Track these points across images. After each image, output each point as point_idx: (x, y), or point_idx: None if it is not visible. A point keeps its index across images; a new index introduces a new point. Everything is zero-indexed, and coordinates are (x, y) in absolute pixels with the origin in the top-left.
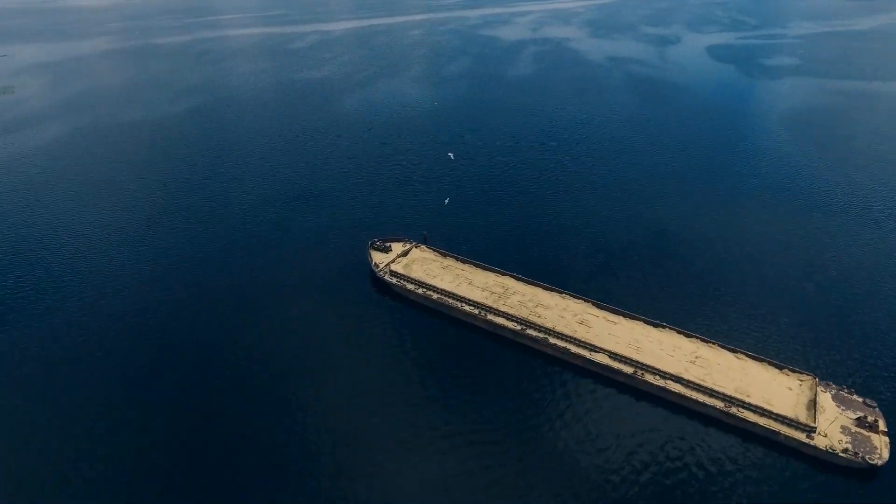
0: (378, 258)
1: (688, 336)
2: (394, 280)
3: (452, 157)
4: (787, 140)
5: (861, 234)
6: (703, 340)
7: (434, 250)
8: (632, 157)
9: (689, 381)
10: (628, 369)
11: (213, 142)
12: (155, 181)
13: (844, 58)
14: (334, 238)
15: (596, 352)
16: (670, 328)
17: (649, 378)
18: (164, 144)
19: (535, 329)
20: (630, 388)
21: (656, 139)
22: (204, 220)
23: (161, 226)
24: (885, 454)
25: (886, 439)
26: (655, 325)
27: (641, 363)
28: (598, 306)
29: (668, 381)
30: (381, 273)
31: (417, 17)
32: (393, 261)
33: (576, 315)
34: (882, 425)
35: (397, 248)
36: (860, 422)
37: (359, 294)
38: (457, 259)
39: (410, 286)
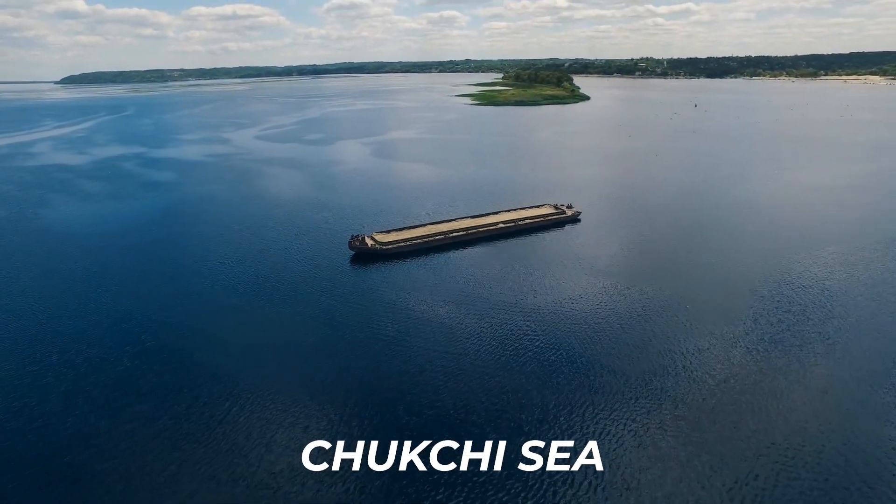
0: (369, 243)
1: (508, 211)
2: (391, 246)
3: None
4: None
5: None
6: (505, 211)
7: (387, 230)
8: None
9: (541, 216)
10: (528, 223)
11: None
12: None
13: (344, 126)
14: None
15: (517, 221)
16: (502, 212)
17: (528, 222)
18: None
19: (482, 228)
20: (519, 230)
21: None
22: None
23: None
24: (581, 210)
25: (578, 209)
26: (508, 211)
27: (524, 217)
28: (478, 216)
29: (532, 220)
30: (382, 247)
31: None
32: (377, 241)
33: (477, 221)
34: (575, 206)
35: (367, 238)
36: (568, 208)
37: (360, 278)
38: (400, 229)
39: (408, 242)
